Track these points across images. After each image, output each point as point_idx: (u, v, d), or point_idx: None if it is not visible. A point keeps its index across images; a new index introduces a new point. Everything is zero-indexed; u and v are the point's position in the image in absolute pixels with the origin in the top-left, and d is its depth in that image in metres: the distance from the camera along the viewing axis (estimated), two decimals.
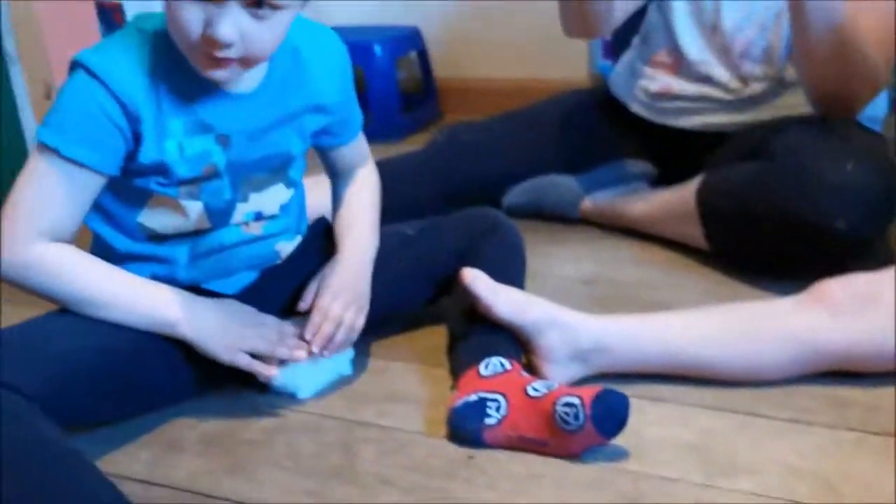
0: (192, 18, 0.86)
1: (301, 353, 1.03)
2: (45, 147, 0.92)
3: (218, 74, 0.91)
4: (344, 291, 1.06)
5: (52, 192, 0.93)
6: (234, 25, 0.86)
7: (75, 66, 0.93)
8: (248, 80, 0.97)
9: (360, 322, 1.07)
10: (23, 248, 0.92)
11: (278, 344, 1.03)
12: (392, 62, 2.11)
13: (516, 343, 1.03)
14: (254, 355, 1.02)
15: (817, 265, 1.10)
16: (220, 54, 0.88)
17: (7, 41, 1.75)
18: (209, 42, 0.87)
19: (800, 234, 1.18)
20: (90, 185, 0.94)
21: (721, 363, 1.01)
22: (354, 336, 1.08)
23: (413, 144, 1.99)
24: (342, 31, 2.25)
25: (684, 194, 1.35)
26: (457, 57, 2.26)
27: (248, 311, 1.04)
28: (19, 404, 0.82)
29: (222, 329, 1.00)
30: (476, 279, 1.02)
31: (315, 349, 1.04)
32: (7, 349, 0.89)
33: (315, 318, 1.04)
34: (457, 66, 2.26)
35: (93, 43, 1.77)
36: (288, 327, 1.05)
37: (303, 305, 1.06)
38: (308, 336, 1.04)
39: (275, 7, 0.88)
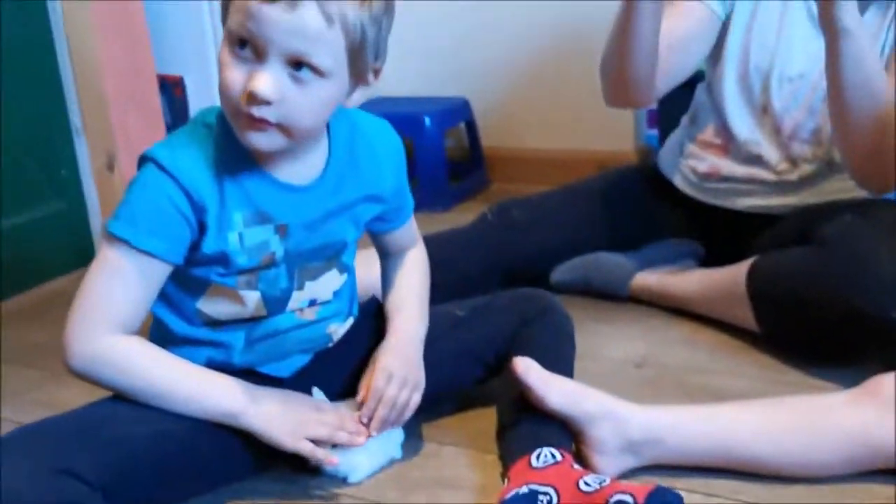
0: (236, 78, 0.89)
1: (360, 440, 1.05)
2: (115, 238, 0.95)
3: (257, 140, 0.92)
4: (398, 372, 1.08)
5: (122, 283, 0.96)
6: (273, 83, 0.88)
7: (144, 160, 0.97)
8: (307, 173, 1.01)
9: (416, 400, 1.09)
10: (94, 340, 0.95)
11: (338, 429, 1.04)
12: (441, 133, 2.15)
13: (568, 433, 1.03)
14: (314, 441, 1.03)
15: (871, 353, 1.09)
16: (258, 112, 0.89)
17: (73, 114, 1.83)
18: (249, 98, 0.89)
19: (853, 323, 1.17)
20: (158, 274, 0.97)
21: (774, 458, 1.00)
22: (410, 414, 1.09)
23: (460, 213, 2.03)
24: (392, 102, 2.32)
25: (735, 276, 1.35)
26: (504, 127, 2.30)
27: (306, 398, 1.06)
28: (82, 491, 0.85)
29: (285, 417, 1.02)
30: (528, 369, 1.03)
31: (373, 433, 1.06)
32: (67, 436, 0.91)
33: (371, 402, 1.06)
34: (504, 136, 2.30)
35: (154, 114, 1.87)
36: (345, 411, 1.07)
37: (359, 398, 1.07)
38: (364, 419, 1.06)
39: (315, 71, 0.89)
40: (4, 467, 0.84)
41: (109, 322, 0.96)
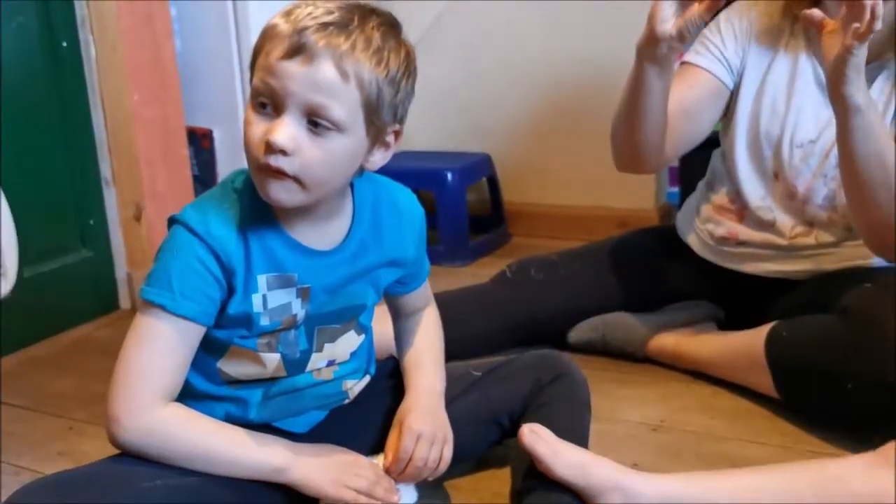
0: (257, 132, 0.92)
1: (395, 497, 1.07)
2: (151, 305, 0.97)
3: (276, 192, 0.93)
4: (426, 432, 1.08)
5: (163, 350, 0.97)
6: (289, 132, 0.91)
7: (174, 222, 0.99)
8: (330, 238, 1.03)
9: (448, 455, 1.09)
10: (145, 413, 0.96)
11: (375, 483, 1.06)
12: (463, 188, 2.17)
13: (579, 501, 1.03)
14: None
15: (894, 423, 1.08)
16: (275, 163, 0.91)
17: (104, 165, 1.87)
18: (267, 148, 0.91)
19: (876, 393, 1.17)
20: (194, 338, 0.99)
21: None
22: (445, 468, 1.09)
23: (481, 267, 2.05)
24: (415, 157, 2.35)
25: (753, 342, 1.35)
26: (526, 182, 2.32)
27: (342, 450, 1.08)
28: None
29: (327, 468, 1.04)
30: (536, 439, 1.03)
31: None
32: (91, 494, 0.92)
33: (399, 464, 1.06)
34: (526, 192, 2.32)
35: (183, 166, 1.90)
36: (379, 467, 1.08)
37: (386, 462, 1.08)
38: (393, 476, 1.07)
39: (331, 124, 0.91)
40: None
41: (157, 392, 0.97)
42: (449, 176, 2.12)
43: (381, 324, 1.21)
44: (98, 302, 1.87)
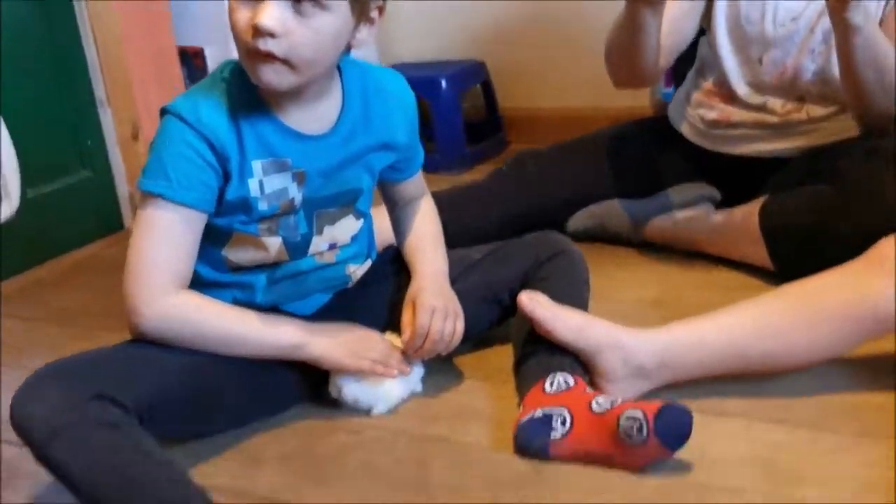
0: (243, 18, 0.93)
1: (407, 370, 1.11)
2: (150, 195, 0.98)
3: (266, 74, 0.95)
4: (439, 307, 1.10)
5: (169, 237, 0.99)
6: (276, 16, 0.91)
7: (164, 113, 1.00)
8: (321, 123, 1.04)
9: (461, 328, 1.12)
10: (161, 300, 0.99)
11: (388, 356, 1.10)
12: (457, 95, 2.17)
13: (580, 362, 1.05)
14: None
15: None
16: (264, 46, 0.92)
17: (97, 87, 1.87)
18: (255, 31, 0.92)
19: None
20: (197, 224, 1.01)
21: (783, 350, 1.01)
22: (458, 342, 1.12)
23: (478, 174, 2.04)
24: (409, 67, 2.34)
25: (747, 215, 1.37)
26: (522, 87, 2.31)
27: (355, 326, 1.11)
28: (119, 415, 0.89)
29: (342, 342, 1.07)
30: (535, 304, 1.06)
31: (416, 363, 1.12)
32: (102, 367, 0.96)
33: (417, 339, 1.09)
34: (522, 97, 2.31)
35: (176, 85, 1.90)
36: (389, 343, 1.12)
37: (405, 337, 1.10)
38: (411, 352, 1.10)
39: (316, 3, 0.92)
40: (40, 393, 0.88)
41: (169, 280, 0.99)
42: (443, 82, 2.12)
43: (378, 220, 1.23)
44: (102, 222, 1.89)
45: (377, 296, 1.18)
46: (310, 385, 1.11)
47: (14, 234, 1.61)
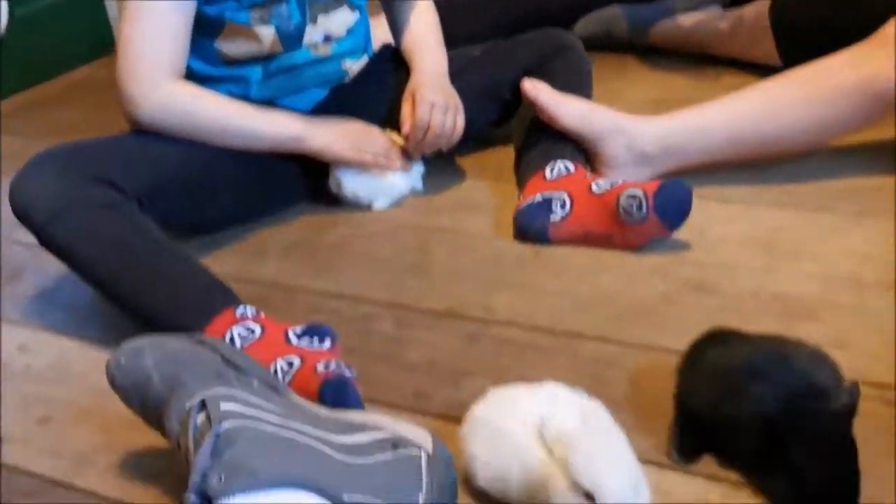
0: None
1: (408, 165, 1.10)
2: None
3: None
4: (439, 101, 1.08)
5: (161, 26, 0.96)
6: None
7: None
8: None
9: (461, 123, 1.09)
10: (158, 88, 0.97)
11: (388, 149, 1.09)
12: None
13: (581, 150, 1.05)
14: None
15: None
16: None
17: None
18: None
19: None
20: (186, 12, 0.97)
21: (787, 132, 1.01)
22: (458, 137, 1.10)
23: None
24: None
25: (757, 11, 1.32)
26: None
27: (356, 121, 1.09)
28: (117, 198, 0.89)
29: (343, 135, 1.06)
30: (538, 90, 1.04)
31: (417, 158, 1.11)
32: (102, 152, 0.95)
33: (417, 132, 1.07)
34: None
35: None
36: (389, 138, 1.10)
37: (405, 131, 1.08)
38: (411, 146, 1.08)
39: None
40: (40, 176, 0.88)
41: (161, 67, 0.97)
42: None
43: (378, 30, 1.19)
44: (93, 43, 1.85)
45: (375, 93, 1.15)
46: (310, 182, 1.11)
47: (7, 55, 1.58)
